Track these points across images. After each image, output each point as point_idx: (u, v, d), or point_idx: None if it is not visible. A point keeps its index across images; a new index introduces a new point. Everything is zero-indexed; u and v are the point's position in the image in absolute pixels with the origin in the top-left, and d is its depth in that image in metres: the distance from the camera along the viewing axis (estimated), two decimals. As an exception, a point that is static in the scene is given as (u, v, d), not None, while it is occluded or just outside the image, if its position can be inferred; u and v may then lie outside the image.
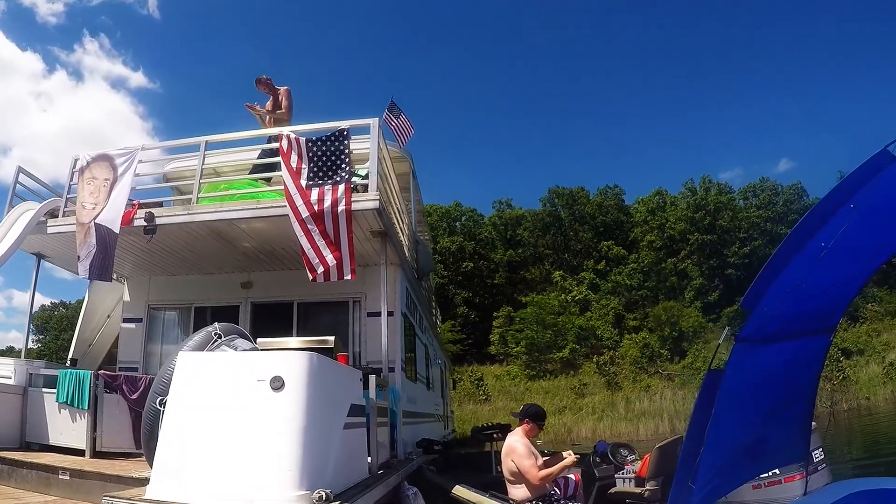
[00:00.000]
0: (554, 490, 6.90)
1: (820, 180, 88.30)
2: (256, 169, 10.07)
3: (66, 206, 9.89)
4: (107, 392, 8.65)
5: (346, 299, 10.86)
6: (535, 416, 7.15)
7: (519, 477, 6.67)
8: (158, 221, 8.90)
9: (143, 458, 8.29)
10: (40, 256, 10.92)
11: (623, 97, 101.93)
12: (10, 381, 9.10)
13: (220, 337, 6.35)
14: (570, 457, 6.70)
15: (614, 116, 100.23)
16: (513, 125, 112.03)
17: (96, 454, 8.39)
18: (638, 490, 7.96)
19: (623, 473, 8.63)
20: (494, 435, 12.36)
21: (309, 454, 4.60)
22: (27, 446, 8.84)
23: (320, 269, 8.37)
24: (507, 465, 6.78)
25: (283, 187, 8.66)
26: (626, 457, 8.84)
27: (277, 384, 4.69)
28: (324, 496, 4.45)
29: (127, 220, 8.97)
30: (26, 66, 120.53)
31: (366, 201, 8.50)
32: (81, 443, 8.50)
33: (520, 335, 47.01)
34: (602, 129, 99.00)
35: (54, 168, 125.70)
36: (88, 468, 7.07)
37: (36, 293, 11.35)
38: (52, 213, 10.01)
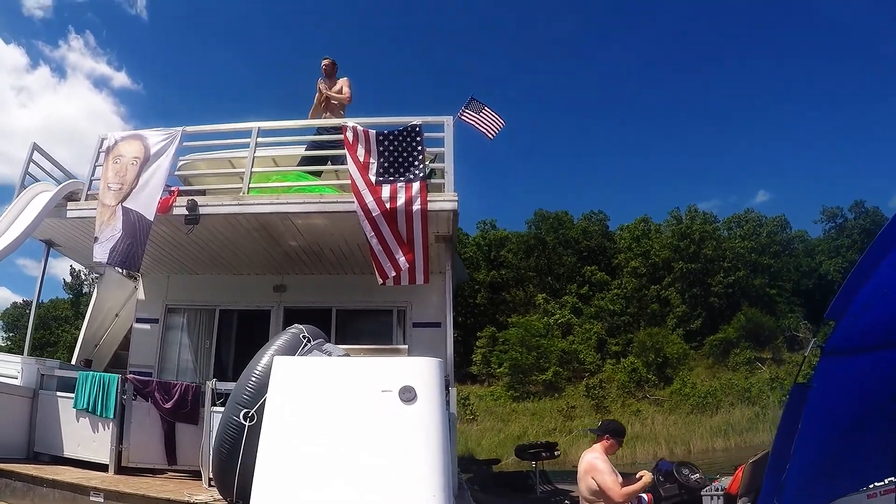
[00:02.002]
0: None
1: (800, 212, 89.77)
2: (306, 161, 9.12)
3: (89, 189, 8.78)
4: (134, 399, 7.53)
5: (390, 308, 10.04)
6: (615, 433, 6.70)
7: (599, 496, 6.26)
8: (202, 211, 7.89)
9: (171, 476, 7.38)
10: (50, 244, 9.80)
11: (604, 128, 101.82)
12: (17, 382, 7.91)
13: (308, 340, 5.39)
14: (646, 475, 6.42)
15: (593, 147, 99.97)
16: (496, 147, 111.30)
17: (121, 470, 7.26)
18: None
19: (710, 490, 8.33)
20: (543, 454, 11.63)
21: (446, 477, 3.99)
22: (35, 457, 7.68)
23: (392, 273, 7.67)
24: (587, 483, 6.31)
25: (332, 182, 8.27)
26: (690, 476, 8.51)
27: (409, 395, 4.10)
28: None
29: (165, 207, 7.98)
30: (10, 60, 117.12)
31: (443, 202, 7.82)
32: (103, 456, 7.34)
33: (504, 356, 46.18)
34: (584, 159, 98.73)
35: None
36: (127, 489, 5.98)
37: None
38: (70, 197, 8.92)
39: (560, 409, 39.97)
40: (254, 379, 4.99)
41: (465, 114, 8.74)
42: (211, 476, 5.72)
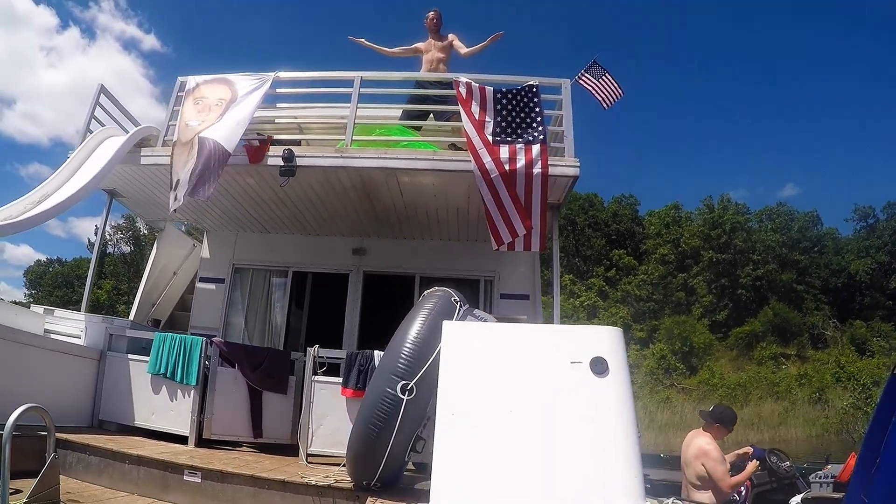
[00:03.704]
0: (734, 496, 6.51)
1: (826, 208, 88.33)
2: (407, 115, 8.38)
3: (166, 135, 8.02)
4: (220, 366, 6.81)
5: (476, 277, 9.38)
6: (728, 421, 6.55)
7: (707, 482, 6.13)
8: (300, 163, 7.12)
9: (254, 450, 6.67)
10: (113, 194, 9.04)
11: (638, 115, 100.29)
12: (80, 342, 7.17)
13: (461, 304, 4.83)
14: (752, 464, 6.50)
15: (625, 131, 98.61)
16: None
17: (202, 442, 6.59)
18: (838, 495, 7.14)
19: (818, 478, 7.99)
20: None
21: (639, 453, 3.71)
22: (100, 426, 6.98)
23: (508, 239, 7.04)
24: (696, 469, 6.18)
25: (433, 139, 7.70)
26: (780, 463, 8.01)
27: (600, 368, 3.73)
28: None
29: (259, 156, 7.26)
30: (40, 20, 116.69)
31: (564, 167, 7.16)
32: (181, 427, 6.66)
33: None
34: (616, 143, 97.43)
35: (58, 124, 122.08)
36: (227, 467, 5.24)
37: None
38: (142, 144, 8.15)
39: (587, 392, 39.40)
40: (410, 347, 4.36)
41: (583, 77, 7.95)
42: (345, 457, 4.98)
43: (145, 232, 50.54)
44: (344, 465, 5.10)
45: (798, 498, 7.57)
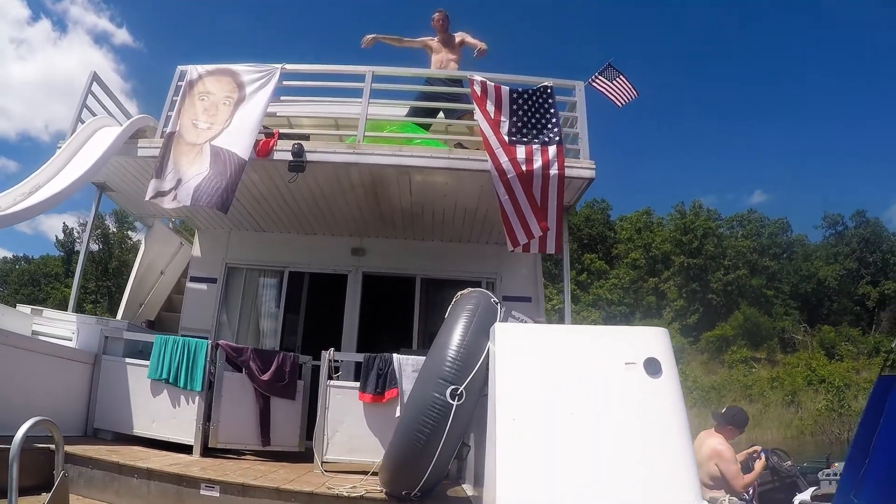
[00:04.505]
0: (744, 496, 6.46)
1: (795, 215, 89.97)
2: (414, 113, 8.21)
3: (164, 126, 7.67)
4: (227, 370, 6.50)
5: (478, 279, 9.16)
6: (741, 422, 6.64)
7: (719, 482, 6.19)
8: (310, 158, 6.87)
9: (265, 460, 6.36)
10: (103, 188, 8.62)
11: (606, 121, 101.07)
12: (72, 344, 6.74)
13: (500, 305, 4.70)
14: (760, 462, 6.67)
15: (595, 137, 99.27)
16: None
17: (208, 452, 6.23)
18: None
19: (826, 475, 8.26)
20: None
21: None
22: (95, 434, 6.56)
23: (523, 240, 6.90)
24: (709, 469, 6.20)
25: (442, 136, 7.73)
26: (782, 463, 8.08)
27: (654, 369, 3.82)
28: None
29: (265, 150, 6.98)
30: (11, 12, 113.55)
31: (580, 168, 7.08)
32: (185, 435, 6.25)
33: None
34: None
35: (26, 118, 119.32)
36: (247, 479, 4.92)
37: None
38: (137, 135, 7.80)
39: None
40: (458, 350, 4.17)
41: (597, 80, 7.84)
42: (382, 467, 4.74)
43: (114, 230, 49.56)
44: (373, 474, 4.88)
45: (808, 494, 7.60)
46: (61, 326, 6.91)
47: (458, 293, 5.01)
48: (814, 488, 7.79)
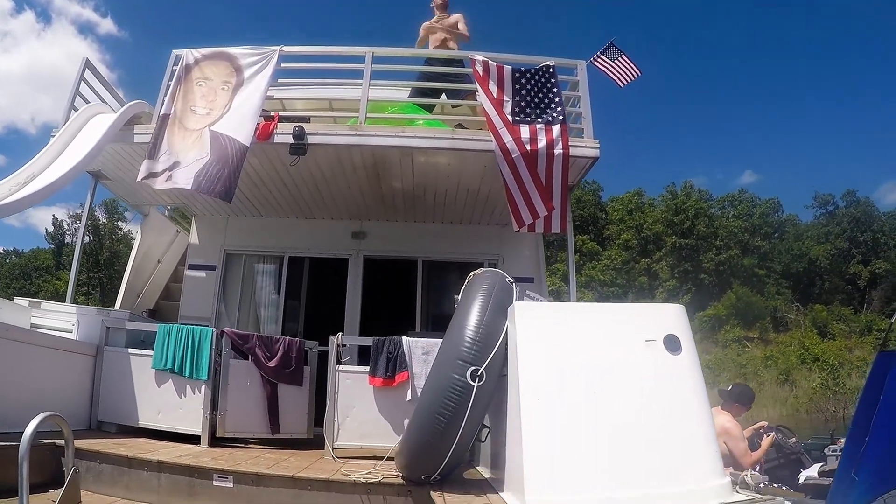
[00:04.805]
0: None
1: (785, 195, 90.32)
2: (417, 93, 8.13)
3: (162, 110, 7.49)
4: (232, 358, 6.40)
5: (480, 260, 8.98)
6: (748, 399, 6.72)
7: (727, 460, 5.99)
8: (311, 140, 6.76)
9: (274, 448, 6.26)
10: (98, 177, 8.45)
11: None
12: (72, 336, 6.61)
13: (515, 285, 4.61)
14: (768, 438, 6.61)
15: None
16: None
17: (215, 441, 6.13)
18: None
19: (832, 451, 8.11)
20: None
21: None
22: (99, 427, 6.42)
23: (529, 220, 6.87)
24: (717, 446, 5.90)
25: (442, 117, 7.72)
26: (786, 440, 8.07)
27: (674, 345, 3.84)
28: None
29: (266, 134, 6.85)
30: None
31: (585, 147, 7.05)
32: (191, 426, 6.12)
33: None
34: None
35: (11, 111, 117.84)
36: (266, 470, 4.85)
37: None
38: (132, 122, 7.65)
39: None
40: (476, 330, 4.09)
41: (598, 59, 7.76)
42: (396, 451, 4.70)
43: (104, 221, 49.14)
44: (388, 459, 4.80)
45: (814, 470, 7.62)
46: (61, 318, 6.77)
47: (471, 273, 4.95)
48: (820, 464, 7.71)
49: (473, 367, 3.90)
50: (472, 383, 3.86)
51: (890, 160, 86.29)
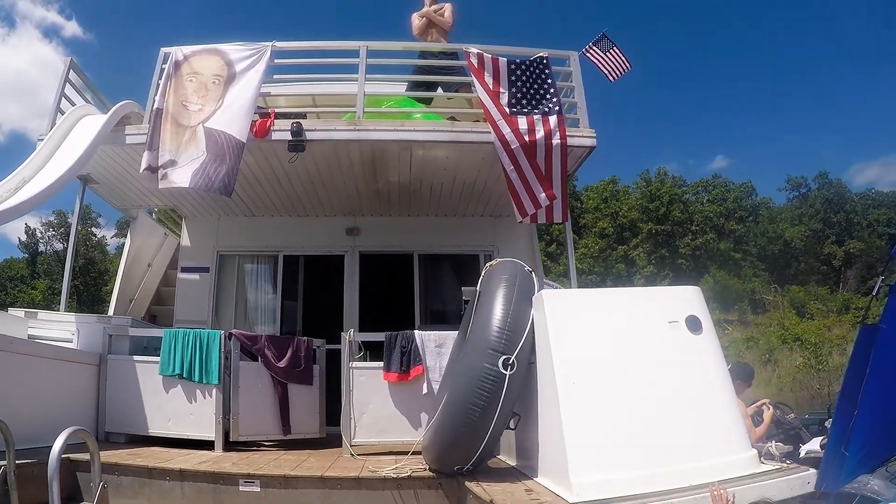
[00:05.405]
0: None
1: (758, 179, 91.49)
2: (414, 87, 8.09)
3: (154, 105, 7.30)
4: (242, 360, 6.34)
5: (475, 252, 9.18)
6: (748, 376, 6.80)
7: None
8: (310, 136, 6.70)
9: (288, 449, 6.21)
10: (86, 181, 8.27)
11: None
12: (72, 346, 6.49)
13: (534, 274, 4.71)
14: (768, 413, 6.61)
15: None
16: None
17: (229, 446, 6.06)
18: None
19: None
20: None
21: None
22: (107, 438, 6.23)
23: (531, 210, 6.88)
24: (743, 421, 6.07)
25: (439, 109, 7.66)
26: (785, 416, 8.00)
27: (696, 326, 3.99)
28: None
29: (262, 131, 6.77)
30: None
31: (582, 137, 7.12)
32: (204, 431, 6.06)
33: (475, 314, 45.88)
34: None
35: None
36: (284, 470, 4.81)
37: None
38: (122, 123, 7.50)
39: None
40: (504, 319, 4.11)
41: (591, 51, 7.79)
42: (424, 445, 4.69)
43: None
44: (413, 453, 4.79)
45: (816, 444, 7.73)
46: (59, 328, 6.65)
47: (487, 264, 4.97)
48: (822, 438, 7.87)
49: (505, 356, 3.92)
50: (505, 372, 3.89)
51: (859, 140, 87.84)
